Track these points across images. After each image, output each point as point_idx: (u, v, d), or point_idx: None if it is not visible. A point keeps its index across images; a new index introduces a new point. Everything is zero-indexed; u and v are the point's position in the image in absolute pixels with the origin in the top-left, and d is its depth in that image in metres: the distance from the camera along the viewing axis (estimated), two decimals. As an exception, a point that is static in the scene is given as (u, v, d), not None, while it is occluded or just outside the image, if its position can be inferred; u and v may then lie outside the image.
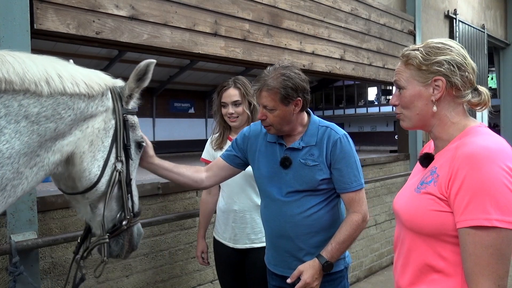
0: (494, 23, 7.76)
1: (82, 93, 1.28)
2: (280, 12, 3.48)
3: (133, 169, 1.51)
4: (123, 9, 2.46)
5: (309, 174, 1.80)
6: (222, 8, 3.02)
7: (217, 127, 2.38)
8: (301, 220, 1.82)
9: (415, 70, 1.22)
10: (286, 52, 3.55)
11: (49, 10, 2.15)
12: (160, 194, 2.72)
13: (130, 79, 1.45)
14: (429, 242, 1.16)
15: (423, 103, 1.22)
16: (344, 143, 1.81)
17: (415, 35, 5.26)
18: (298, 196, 1.82)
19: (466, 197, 1.05)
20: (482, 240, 1.03)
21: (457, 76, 1.18)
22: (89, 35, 2.32)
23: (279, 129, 1.81)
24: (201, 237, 2.42)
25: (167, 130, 25.43)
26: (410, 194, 1.25)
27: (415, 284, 1.21)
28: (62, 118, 1.23)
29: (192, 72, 22.60)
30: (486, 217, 1.02)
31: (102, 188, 1.38)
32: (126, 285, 2.55)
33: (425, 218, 1.15)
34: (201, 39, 2.90)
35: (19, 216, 1.98)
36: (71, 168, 1.33)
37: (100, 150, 1.36)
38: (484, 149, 1.07)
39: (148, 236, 2.67)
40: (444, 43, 1.23)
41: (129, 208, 1.47)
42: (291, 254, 1.84)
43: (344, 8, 4.19)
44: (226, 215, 2.29)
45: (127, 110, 1.46)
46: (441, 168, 1.15)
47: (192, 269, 2.89)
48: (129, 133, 1.45)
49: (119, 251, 1.52)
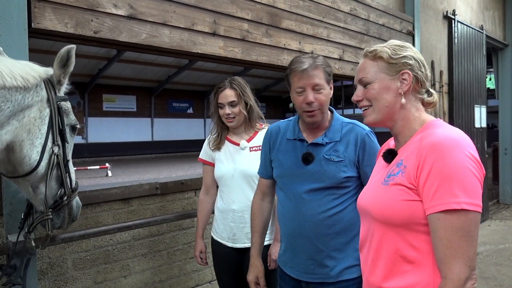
0: (492, 24, 7.77)
1: (19, 86, 1.38)
2: (279, 12, 3.48)
3: (69, 151, 1.66)
4: (121, 8, 2.45)
5: (333, 170, 1.73)
6: (221, 8, 3.01)
7: (215, 127, 2.38)
8: (322, 220, 1.73)
9: (384, 63, 1.28)
10: (285, 52, 3.55)
11: (47, 9, 2.14)
12: (159, 194, 2.71)
13: (54, 67, 1.55)
14: (400, 232, 1.19)
15: (392, 95, 1.27)
16: (372, 138, 1.79)
17: (414, 36, 5.26)
18: (319, 194, 1.74)
19: (434, 183, 1.09)
20: (452, 224, 1.07)
21: (421, 71, 1.27)
22: (87, 35, 2.31)
23: (324, 112, 1.77)
24: (199, 236, 2.42)
25: (166, 130, 25.44)
26: (377, 188, 1.28)
27: (388, 278, 1.22)
28: (1, 110, 1.33)
29: (191, 72, 22.61)
30: (456, 200, 1.07)
31: (42, 171, 1.53)
32: (124, 285, 2.54)
33: (396, 209, 1.18)
34: (200, 39, 2.89)
35: (16, 216, 1.96)
36: (11, 154, 1.46)
37: (37, 137, 1.49)
38: (448, 138, 1.13)
39: (146, 236, 2.66)
40: (404, 43, 1.32)
41: (68, 185, 1.63)
42: (310, 257, 1.76)
43: (343, 8, 4.19)
44: (224, 214, 2.28)
45: (60, 97, 1.58)
46: (407, 159, 1.20)
47: (190, 270, 2.89)
48: (63, 119, 1.58)
49: (60, 223, 1.69)
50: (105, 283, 2.45)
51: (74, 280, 2.31)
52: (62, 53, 1.53)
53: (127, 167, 17.34)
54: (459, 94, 6.39)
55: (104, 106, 23.01)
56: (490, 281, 4.29)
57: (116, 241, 2.50)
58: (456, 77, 6.31)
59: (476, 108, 6.99)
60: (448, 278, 1.08)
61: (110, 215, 2.47)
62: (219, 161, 2.32)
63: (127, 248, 2.56)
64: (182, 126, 26.05)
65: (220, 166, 2.31)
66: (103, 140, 21.13)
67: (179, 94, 25.79)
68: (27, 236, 1.70)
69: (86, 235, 2.24)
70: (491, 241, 5.68)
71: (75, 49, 1.54)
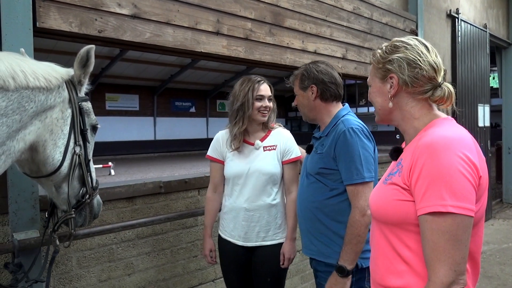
0: (496, 23, 7.74)
1: (42, 86, 1.40)
2: (282, 11, 3.48)
3: (90, 151, 1.69)
4: (125, 8, 2.46)
5: (314, 160, 1.99)
6: (224, 7, 3.02)
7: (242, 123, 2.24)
8: (308, 204, 2.00)
9: (375, 68, 1.31)
10: (288, 51, 3.55)
11: (52, 8, 2.15)
12: (162, 193, 2.72)
13: (75, 67, 1.57)
14: (396, 232, 1.20)
15: (383, 98, 1.29)
16: (349, 135, 1.85)
17: (417, 34, 5.25)
18: (309, 180, 2.01)
19: (424, 184, 1.09)
20: (438, 226, 1.06)
21: (407, 73, 1.22)
22: (92, 34, 2.32)
23: (304, 112, 2.10)
24: (208, 235, 2.39)
25: (168, 129, 25.45)
26: (380, 186, 1.30)
27: (387, 276, 1.23)
28: (26, 110, 1.35)
29: (193, 71, 22.61)
30: (442, 203, 1.05)
31: (65, 171, 1.56)
32: (128, 283, 2.55)
33: (390, 208, 1.19)
34: (204, 38, 2.90)
35: (22, 214, 1.98)
36: (35, 155, 1.48)
37: (60, 137, 1.52)
38: (442, 138, 1.11)
39: (150, 234, 2.67)
40: (403, 41, 1.29)
41: (89, 184, 1.66)
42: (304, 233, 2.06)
43: (346, 7, 4.18)
44: (235, 213, 2.27)
45: (81, 98, 1.60)
46: (405, 159, 1.20)
47: (194, 268, 2.89)
48: (85, 119, 1.61)
49: (82, 221, 1.74)
50: (109, 281, 2.46)
51: (78, 278, 2.33)
52: (82, 53, 1.54)
53: (130, 166, 17.37)
54: (462, 93, 6.37)
55: (107, 105, 23.04)
56: (494, 280, 4.29)
57: (120, 239, 2.51)
58: (459, 76, 6.30)
59: (479, 107, 6.98)
60: (431, 281, 1.07)
61: (114, 213, 2.48)
62: (232, 159, 2.30)
63: (131, 247, 2.57)
64: (185, 125, 26.07)
65: (233, 165, 2.28)
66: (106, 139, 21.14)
67: (181, 93, 25.80)
68: (52, 235, 1.74)
69: (91, 234, 2.25)
70: (494, 241, 5.67)
71: (94, 49, 1.55)
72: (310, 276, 3.85)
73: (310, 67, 2.05)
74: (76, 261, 2.32)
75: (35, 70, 1.39)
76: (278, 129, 2.36)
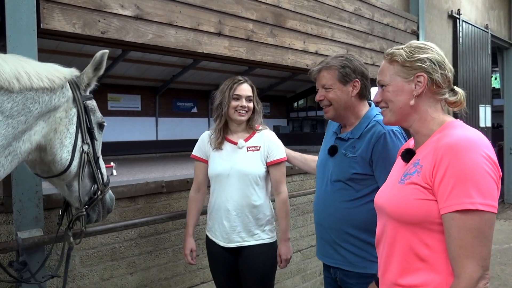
0: (497, 23, 7.74)
1: (45, 87, 1.41)
2: (283, 12, 3.50)
3: (98, 148, 1.70)
4: (128, 9, 2.48)
5: (345, 165, 1.81)
6: (226, 8, 3.04)
7: (219, 120, 2.30)
8: (334, 212, 1.84)
9: (399, 66, 1.30)
10: (290, 52, 3.57)
11: (56, 10, 2.17)
12: (164, 192, 2.74)
13: (89, 70, 1.59)
14: (414, 230, 1.21)
15: (406, 97, 1.30)
16: (390, 139, 1.73)
17: (419, 35, 5.26)
18: (335, 186, 1.84)
19: (450, 183, 1.11)
20: (466, 224, 1.09)
21: (438, 73, 1.27)
22: (95, 35, 2.34)
23: (337, 109, 1.84)
24: (189, 235, 2.37)
25: (170, 129, 25.49)
26: (394, 186, 1.30)
27: (402, 275, 1.24)
28: (30, 111, 1.37)
29: (195, 71, 22.64)
30: (470, 201, 1.08)
31: (75, 170, 1.58)
32: (130, 282, 2.57)
33: (411, 207, 1.20)
34: (205, 39, 2.92)
35: (26, 213, 2.00)
36: (43, 154, 1.50)
37: (66, 136, 1.53)
38: (465, 139, 1.15)
39: (152, 234, 2.69)
40: (425, 43, 1.32)
41: (100, 181, 1.70)
42: (328, 243, 1.89)
43: (347, 8, 4.20)
44: (218, 213, 2.26)
45: (86, 96, 1.61)
46: (424, 159, 1.21)
47: (195, 267, 2.91)
48: (90, 117, 1.62)
49: (97, 217, 1.78)
50: (111, 279, 2.48)
51: (81, 276, 2.35)
52: (97, 57, 1.57)
53: (132, 166, 17.41)
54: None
55: (109, 105, 23.09)
56: (495, 280, 4.29)
57: (122, 238, 2.54)
58: (461, 76, 6.30)
59: (481, 107, 6.98)
60: (461, 277, 1.09)
61: (117, 212, 2.50)
62: (215, 159, 2.30)
63: (133, 246, 2.59)
64: (187, 126, 26.10)
65: (216, 165, 2.28)
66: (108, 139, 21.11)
67: (183, 94, 25.86)
68: (67, 232, 1.79)
69: (94, 232, 2.27)
70: (496, 241, 5.67)
71: (107, 54, 1.59)
72: (311, 275, 3.87)
73: (350, 58, 1.83)
74: (79, 260, 2.34)
75: (38, 71, 1.41)
76: (263, 131, 2.34)
